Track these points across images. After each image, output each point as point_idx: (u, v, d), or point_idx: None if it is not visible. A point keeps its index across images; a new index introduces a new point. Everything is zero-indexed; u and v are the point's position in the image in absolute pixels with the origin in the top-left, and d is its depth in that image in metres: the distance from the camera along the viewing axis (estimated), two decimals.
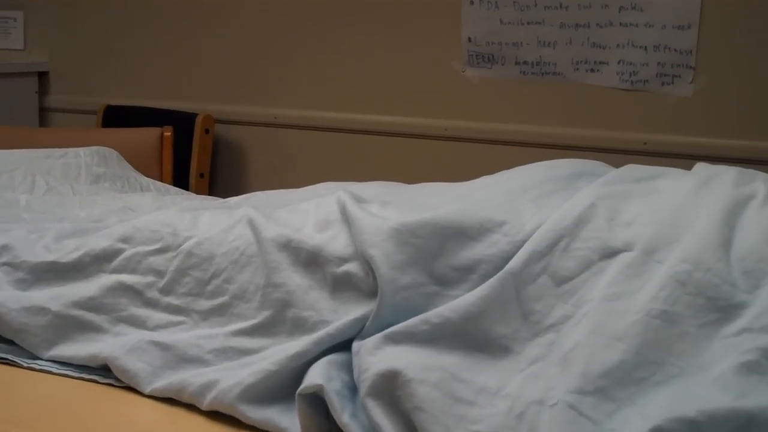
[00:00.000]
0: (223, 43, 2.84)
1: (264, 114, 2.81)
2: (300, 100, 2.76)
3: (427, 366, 0.94)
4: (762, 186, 1.07)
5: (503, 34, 2.48)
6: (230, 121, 2.85)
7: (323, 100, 2.72)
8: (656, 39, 2.34)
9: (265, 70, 2.80)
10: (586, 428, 0.85)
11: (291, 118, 2.77)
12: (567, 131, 2.45)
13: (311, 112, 2.74)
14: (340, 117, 2.70)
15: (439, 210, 1.06)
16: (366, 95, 2.67)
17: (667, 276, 0.93)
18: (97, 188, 1.81)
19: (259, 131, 2.83)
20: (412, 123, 2.61)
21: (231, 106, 2.85)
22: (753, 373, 0.85)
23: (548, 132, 2.46)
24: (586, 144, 2.39)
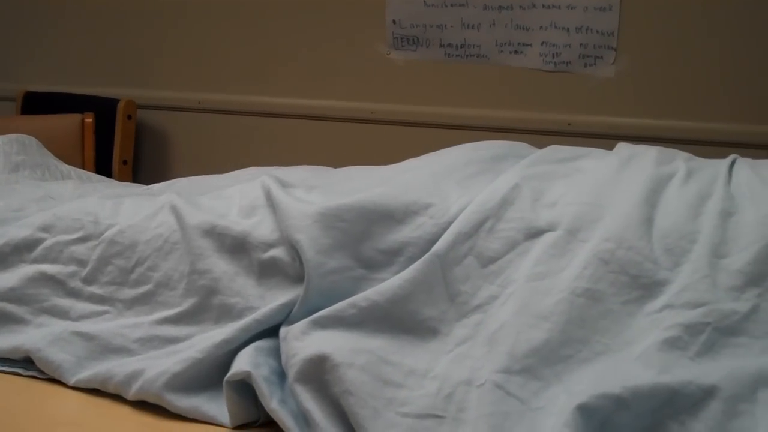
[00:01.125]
0: (145, 27, 2.79)
1: (188, 99, 2.77)
2: (224, 84, 2.72)
3: (355, 350, 0.94)
4: (682, 164, 1.09)
5: (427, 16, 2.48)
6: (153, 107, 2.80)
7: (247, 84, 2.70)
8: (578, 21, 2.36)
9: (188, 54, 2.75)
10: (514, 407, 0.86)
11: (215, 102, 2.74)
12: (492, 113, 2.46)
13: (235, 97, 2.71)
14: (264, 101, 2.68)
15: (365, 193, 1.06)
16: (291, 79, 2.65)
17: (591, 255, 0.94)
18: (16, 177, 1.76)
19: (183, 116, 2.79)
20: (338, 106, 2.60)
21: (154, 91, 2.80)
22: (675, 349, 0.86)
23: (473, 114, 2.47)
24: (510, 125, 2.40)
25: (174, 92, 2.79)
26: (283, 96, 2.66)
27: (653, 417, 0.81)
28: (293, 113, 2.65)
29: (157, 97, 2.79)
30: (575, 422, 0.80)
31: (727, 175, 1.06)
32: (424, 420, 0.89)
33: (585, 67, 2.40)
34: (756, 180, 1.03)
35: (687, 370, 0.84)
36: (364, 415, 0.89)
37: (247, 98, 2.70)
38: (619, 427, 0.81)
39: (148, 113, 2.81)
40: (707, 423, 0.80)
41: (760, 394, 0.81)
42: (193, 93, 2.76)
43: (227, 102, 2.73)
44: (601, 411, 0.81)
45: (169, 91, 2.79)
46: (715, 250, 0.93)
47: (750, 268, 0.90)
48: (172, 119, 2.81)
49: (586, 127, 2.38)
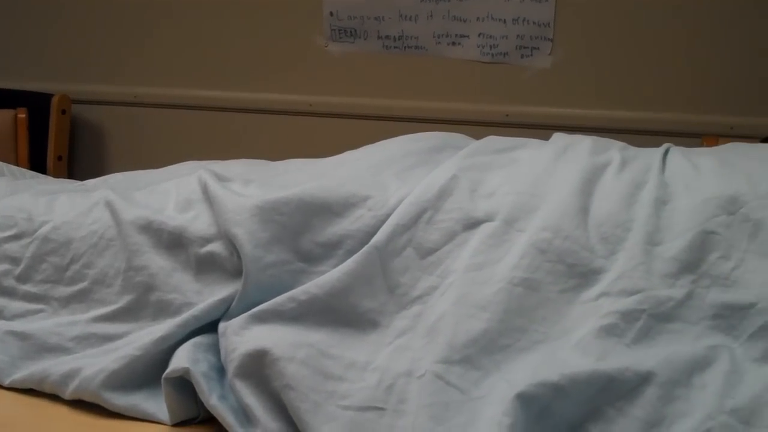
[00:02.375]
0: (78, 20, 2.74)
1: (123, 93, 2.73)
2: (160, 78, 2.69)
3: (295, 343, 0.93)
4: (617, 154, 1.10)
5: (365, 8, 2.47)
6: (88, 101, 2.75)
7: (184, 77, 2.67)
8: (515, 12, 2.38)
9: (123, 48, 2.71)
10: (454, 397, 0.87)
11: (151, 96, 2.70)
12: (430, 104, 2.47)
13: (172, 90, 2.68)
14: (201, 95, 2.65)
15: (303, 186, 1.05)
16: (228, 72, 2.63)
17: (528, 244, 0.95)
18: None
19: (118, 111, 2.75)
20: (276, 99, 2.59)
21: (89, 86, 2.75)
22: (611, 336, 0.87)
23: (411, 106, 2.48)
24: (449, 117, 2.41)
25: (109, 86, 2.74)
26: (221, 89, 2.64)
27: (591, 404, 0.83)
28: (231, 106, 2.63)
29: (92, 91, 2.75)
30: (514, 411, 0.81)
31: (661, 163, 1.07)
32: (365, 412, 0.89)
33: (522, 58, 2.42)
34: (689, 168, 1.05)
35: (623, 356, 0.85)
36: (304, 409, 0.89)
37: (183, 92, 2.67)
38: (557, 414, 0.82)
39: (83, 108, 2.76)
40: (644, 408, 0.81)
41: (695, 379, 0.83)
42: (128, 87, 2.72)
43: (164, 96, 2.69)
44: (540, 399, 0.82)
45: (104, 85, 2.74)
46: (650, 238, 0.94)
47: (684, 255, 0.92)
48: (108, 114, 2.77)
49: (523, 118, 2.40)
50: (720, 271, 0.91)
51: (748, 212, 0.94)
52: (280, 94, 2.59)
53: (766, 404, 0.79)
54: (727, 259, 0.92)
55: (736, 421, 0.79)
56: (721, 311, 0.88)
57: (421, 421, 0.85)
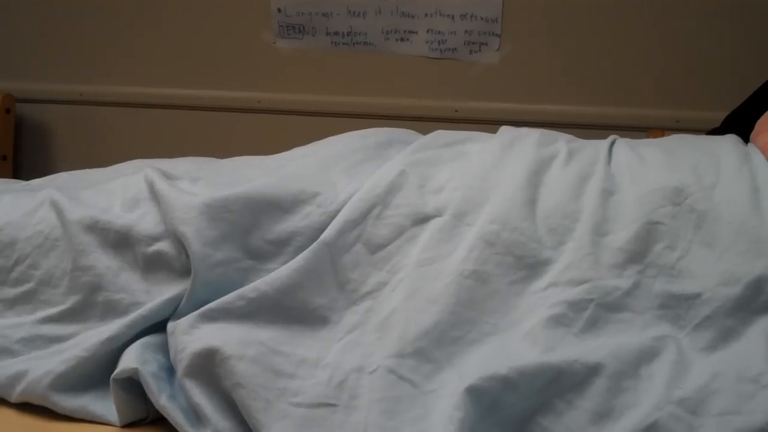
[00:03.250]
0: (21, 17, 2.70)
1: (69, 91, 2.68)
2: (106, 75, 2.65)
3: (245, 341, 0.93)
4: (563, 146, 1.11)
5: (313, 4, 2.47)
6: (33, 100, 2.71)
7: (130, 75, 2.63)
8: (463, 8, 2.38)
9: (68, 45, 2.67)
10: (406, 391, 0.87)
11: (98, 94, 2.67)
12: (379, 100, 2.47)
13: (118, 88, 2.65)
14: (148, 92, 2.62)
15: (252, 183, 1.05)
16: (175, 69, 2.60)
17: (477, 237, 0.95)
18: None
19: (64, 109, 2.71)
20: (224, 96, 2.57)
21: (33, 84, 2.70)
22: (560, 326, 0.88)
23: (361, 102, 2.47)
24: (398, 113, 2.42)
25: (54, 84, 2.70)
26: (168, 86, 2.61)
27: (540, 396, 0.83)
28: (178, 104, 2.61)
29: (37, 90, 2.70)
30: (465, 405, 0.81)
31: (607, 155, 1.08)
32: (317, 409, 0.88)
33: (470, 54, 2.43)
34: (635, 159, 1.06)
35: (572, 347, 0.86)
36: (255, 407, 0.88)
37: (130, 89, 2.64)
38: (507, 407, 0.83)
39: (27, 107, 2.71)
40: (593, 400, 0.82)
41: (643, 370, 0.84)
42: (74, 85, 2.68)
43: (110, 93, 2.66)
44: (490, 392, 0.82)
45: (49, 83, 2.70)
46: (597, 229, 0.95)
47: (630, 246, 0.93)
48: (53, 112, 2.73)
49: (472, 113, 2.41)
50: (666, 261, 0.92)
51: (693, 203, 0.95)
52: (228, 91, 2.57)
53: (713, 393, 0.81)
54: (673, 250, 0.93)
55: (684, 410, 0.80)
56: (667, 301, 0.90)
57: (374, 416, 0.85)
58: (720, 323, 0.87)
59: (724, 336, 0.87)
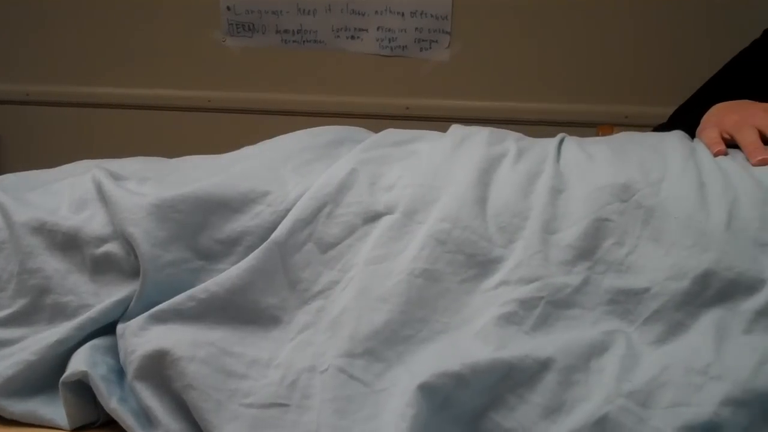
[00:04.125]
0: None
1: (15, 91, 2.65)
2: (53, 75, 2.62)
3: (195, 343, 0.92)
4: (513, 144, 1.11)
5: (262, 2, 2.46)
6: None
7: (78, 74, 2.60)
8: (413, 5, 2.39)
9: (13, 44, 2.63)
10: (358, 390, 0.87)
11: (45, 94, 2.63)
12: (330, 98, 2.47)
13: (66, 88, 2.62)
14: (97, 92, 2.60)
15: (201, 183, 1.04)
16: (125, 67, 2.58)
17: (427, 236, 0.95)
18: None
19: (10, 110, 2.67)
20: (173, 95, 2.56)
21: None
22: (511, 324, 0.89)
23: (311, 100, 2.47)
24: (349, 111, 2.42)
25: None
26: (116, 86, 2.59)
27: (492, 392, 0.84)
28: (127, 103, 2.58)
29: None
30: (417, 402, 0.81)
31: (556, 153, 1.09)
32: (269, 409, 0.88)
33: (421, 51, 2.44)
34: (583, 157, 1.07)
35: (523, 344, 0.86)
36: (207, 408, 0.88)
37: (78, 89, 2.61)
38: (460, 403, 0.83)
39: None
40: (544, 395, 0.83)
41: (593, 364, 0.85)
42: (20, 85, 2.65)
43: (58, 93, 2.63)
44: (442, 389, 0.82)
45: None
46: (547, 226, 0.96)
47: (579, 243, 0.94)
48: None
49: (423, 111, 2.42)
50: (615, 258, 0.93)
51: (641, 199, 0.96)
52: (178, 90, 2.56)
53: (662, 386, 0.82)
54: (621, 246, 0.94)
55: (634, 403, 0.81)
56: (616, 296, 0.90)
57: (325, 415, 0.85)
58: (668, 317, 0.88)
59: (672, 329, 0.88)
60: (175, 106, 2.56)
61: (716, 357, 0.82)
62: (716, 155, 1.08)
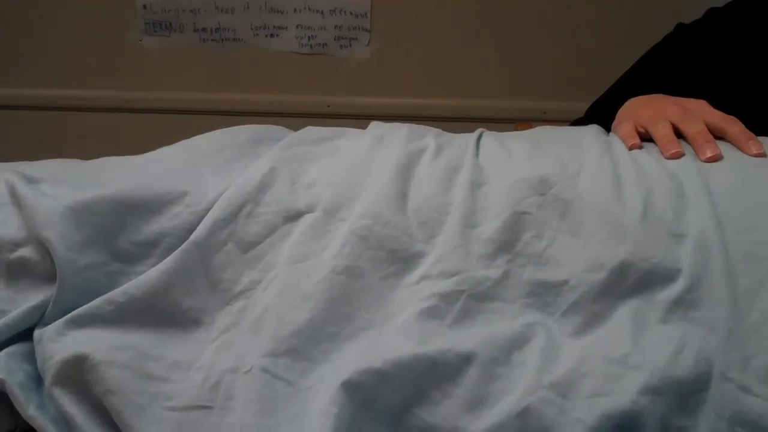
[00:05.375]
0: None
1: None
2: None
3: (115, 347, 0.90)
4: (432, 140, 1.12)
5: (180, 0, 2.43)
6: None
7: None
8: (332, 3, 2.39)
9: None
10: (282, 390, 0.86)
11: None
12: (250, 97, 2.45)
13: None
14: (10, 93, 2.54)
15: (118, 185, 1.02)
16: (38, 68, 2.53)
17: (349, 232, 0.95)
18: None
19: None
20: (90, 96, 2.51)
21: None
22: (433, 318, 0.89)
23: (231, 99, 2.45)
24: (270, 109, 2.41)
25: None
26: (31, 86, 2.53)
27: (415, 387, 0.84)
28: (42, 105, 2.53)
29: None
30: (340, 400, 0.81)
31: (475, 148, 1.10)
32: (191, 412, 0.87)
33: (341, 49, 2.44)
34: (501, 152, 1.08)
35: (445, 338, 0.87)
36: (128, 413, 0.86)
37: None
38: (383, 399, 0.83)
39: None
40: (466, 389, 0.83)
41: (514, 357, 0.85)
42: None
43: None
44: (365, 386, 0.82)
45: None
46: (467, 221, 0.97)
47: (499, 236, 0.94)
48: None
49: (344, 108, 2.42)
50: (534, 250, 0.94)
51: (558, 192, 0.98)
52: (94, 90, 2.52)
53: (582, 376, 0.83)
54: (540, 239, 0.95)
55: (555, 394, 0.81)
56: (536, 289, 0.91)
57: (249, 416, 0.84)
58: (587, 308, 0.89)
59: (591, 321, 0.89)
60: (92, 107, 2.51)
61: (634, 347, 0.84)
62: (631, 149, 1.10)
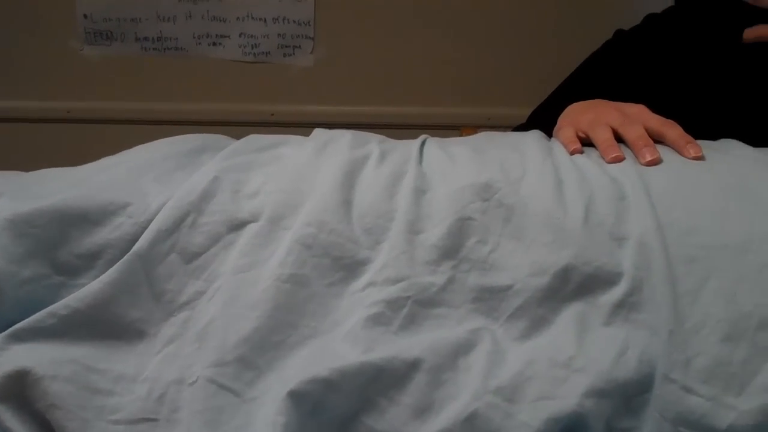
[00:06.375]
0: None
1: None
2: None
3: (58, 361, 0.89)
4: (376, 147, 1.12)
5: (120, 10, 2.41)
6: None
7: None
8: (275, 11, 2.39)
9: None
10: (228, 400, 0.86)
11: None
12: (194, 106, 2.44)
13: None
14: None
15: (58, 196, 1.01)
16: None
17: (293, 241, 0.95)
18: None
19: None
20: (31, 107, 2.47)
21: None
22: (379, 325, 0.89)
23: (174, 108, 2.44)
24: (213, 118, 2.40)
25: None
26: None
27: (362, 395, 0.84)
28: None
29: None
30: (287, 410, 0.81)
31: (419, 154, 1.10)
32: (137, 425, 0.86)
33: (284, 57, 2.43)
34: (445, 158, 1.09)
35: (391, 345, 0.87)
36: (73, 427, 0.85)
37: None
38: (330, 408, 0.83)
39: None
40: (414, 395, 0.83)
41: (460, 362, 0.86)
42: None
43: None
44: (312, 395, 0.82)
45: None
46: (411, 227, 0.97)
47: (443, 242, 0.95)
48: None
49: (288, 117, 2.42)
50: (478, 256, 0.94)
51: (501, 198, 0.98)
52: (34, 101, 2.48)
53: (527, 380, 0.83)
54: (484, 244, 0.95)
55: (501, 399, 0.82)
56: (480, 294, 0.92)
57: (196, 427, 0.84)
58: (532, 313, 0.90)
59: (535, 324, 0.89)
60: (33, 118, 2.47)
61: (578, 350, 0.85)
62: (572, 153, 1.11)
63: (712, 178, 1.01)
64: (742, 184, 0.99)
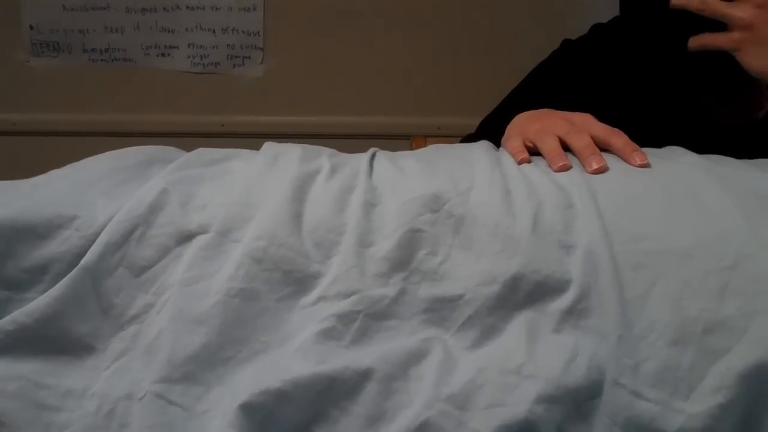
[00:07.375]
0: None
1: None
2: None
3: (4, 377, 0.88)
4: (326, 161, 1.12)
5: (67, 21, 2.39)
6: None
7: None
8: (224, 21, 2.38)
9: None
10: (177, 415, 0.85)
11: None
12: (142, 117, 2.42)
13: None
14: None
15: (4, 210, 0.99)
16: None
17: (243, 254, 0.94)
18: None
19: None
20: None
21: None
22: (330, 339, 0.89)
23: (123, 120, 2.42)
24: (162, 130, 2.39)
25: None
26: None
27: (314, 406, 0.84)
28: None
29: None
30: (239, 421, 0.81)
31: (368, 168, 1.10)
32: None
33: (234, 68, 2.43)
34: (394, 170, 1.09)
35: (342, 358, 0.87)
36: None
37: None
38: (282, 419, 0.83)
39: None
40: (365, 405, 0.84)
41: (412, 371, 0.86)
42: None
43: None
44: (264, 406, 0.82)
45: None
46: (362, 240, 0.97)
47: (394, 254, 0.95)
48: None
49: (238, 128, 2.41)
50: (429, 267, 0.95)
51: (451, 209, 0.99)
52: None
53: (479, 388, 0.84)
54: (435, 255, 0.95)
55: (452, 407, 0.82)
56: (432, 305, 0.92)
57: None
58: (482, 321, 0.90)
59: (486, 333, 0.90)
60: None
61: (528, 357, 0.85)
62: (520, 163, 1.12)
63: (658, 185, 1.02)
64: (687, 191, 1.00)
